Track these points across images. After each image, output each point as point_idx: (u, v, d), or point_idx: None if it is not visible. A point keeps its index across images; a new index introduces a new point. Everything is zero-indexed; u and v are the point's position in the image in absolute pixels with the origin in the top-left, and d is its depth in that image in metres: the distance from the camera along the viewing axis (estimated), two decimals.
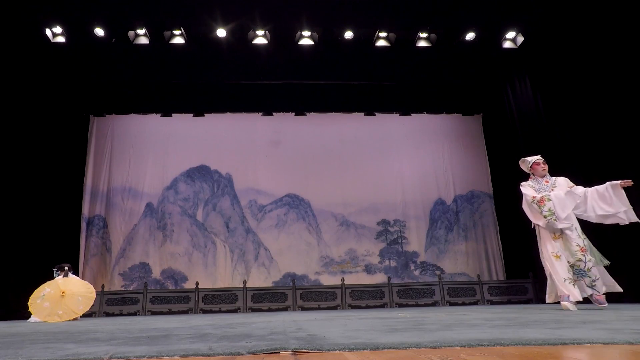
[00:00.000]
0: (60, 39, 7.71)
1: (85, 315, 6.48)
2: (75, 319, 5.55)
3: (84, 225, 8.70)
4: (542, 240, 4.73)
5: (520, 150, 8.68)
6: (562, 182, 4.84)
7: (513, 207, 8.93)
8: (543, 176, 4.89)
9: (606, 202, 4.54)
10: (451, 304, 8.21)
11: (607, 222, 4.64)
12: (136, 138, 9.42)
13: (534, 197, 4.73)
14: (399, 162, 9.62)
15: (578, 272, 4.49)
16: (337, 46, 8.22)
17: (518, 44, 8.23)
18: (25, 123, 7.70)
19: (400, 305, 8.14)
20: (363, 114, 9.77)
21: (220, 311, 7.94)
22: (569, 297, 4.32)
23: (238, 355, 1.45)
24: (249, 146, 9.49)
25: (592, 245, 4.59)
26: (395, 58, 8.60)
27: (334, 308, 8.10)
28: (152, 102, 9.34)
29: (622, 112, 6.37)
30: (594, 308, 4.36)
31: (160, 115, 9.47)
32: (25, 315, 5.77)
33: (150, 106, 9.40)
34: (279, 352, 1.48)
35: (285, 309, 8.08)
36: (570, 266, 4.51)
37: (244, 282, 8.40)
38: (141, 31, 7.77)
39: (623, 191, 4.52)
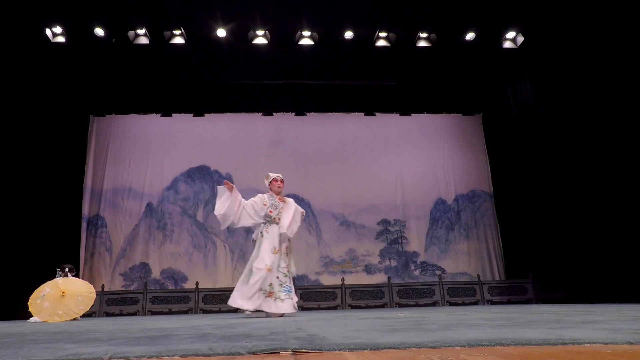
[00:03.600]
0: (60, 39, 7.71)
1: (85, 315, 6.47)
2: (75, 319, 5.54)
3: (84, 225, 8.69)
4: None
5: (520, 150, 8.68)
6: (291, 202, 5.15)
7: (513, 207, 8.97)
8: (278, 194, 5.16)
9: None
10: (451, 304, 8.21)
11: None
12: (136, 138, 9.41)
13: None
14: (399, 162, 9.61)
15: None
16: (337, 46, 8.22)
17: (518, 44, 8.23)
18: (25, 123, 7.70)
19: (400, 305, 8.14)
20: (363, 114, 9.76)
21: (220, 311, 7.94)
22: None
23: (238, 355, 1.45)
24: (249, 146, 9.48)
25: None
26: (395, 58, 8.59)
27: (334, 308, 8.10)
28: (152, 102, 9.33)
29: (623, 112, 6.36)
30: (594, 309, 4.34)
31: (160, 115, 9.46)
32: (25, 315, 5.76)
33: (150, 106, 9.39)
34: (279, 352, 1.48)
35: None
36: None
37: None
38: (141, 31, 7.77)
39: None
